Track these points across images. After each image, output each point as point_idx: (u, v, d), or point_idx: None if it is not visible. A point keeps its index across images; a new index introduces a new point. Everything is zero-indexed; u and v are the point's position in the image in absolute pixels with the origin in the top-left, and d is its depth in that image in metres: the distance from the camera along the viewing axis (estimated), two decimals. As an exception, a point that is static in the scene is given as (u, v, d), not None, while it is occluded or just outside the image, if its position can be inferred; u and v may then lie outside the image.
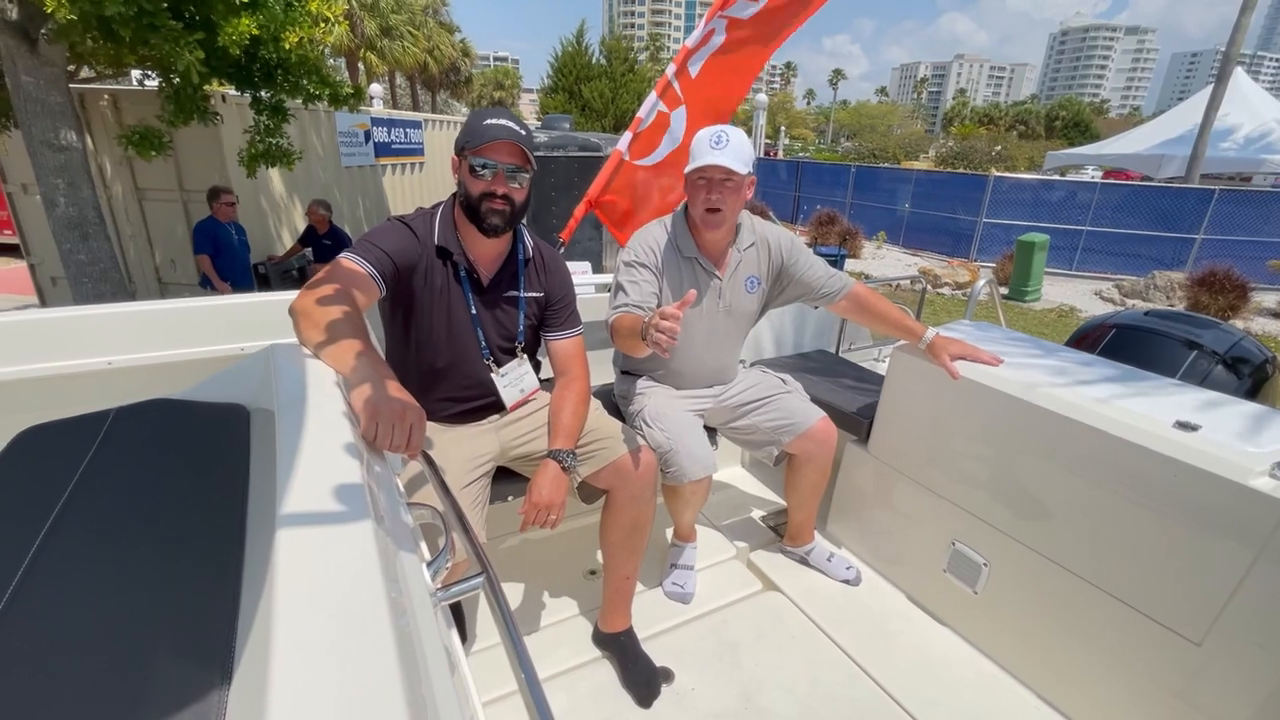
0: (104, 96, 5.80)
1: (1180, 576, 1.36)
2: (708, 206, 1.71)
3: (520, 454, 1.65)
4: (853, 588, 2.03)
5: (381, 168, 8.97)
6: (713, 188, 1.69)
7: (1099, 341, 2.96)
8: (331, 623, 0.56)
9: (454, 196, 1.52)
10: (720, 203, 1.70)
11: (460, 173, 1.46)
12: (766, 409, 1.93)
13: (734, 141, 1.66)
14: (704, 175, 1.69)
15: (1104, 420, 1.46)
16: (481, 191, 1.42)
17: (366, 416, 0.97)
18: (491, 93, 40.14)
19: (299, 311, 1.18)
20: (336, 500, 0.71)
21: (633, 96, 20.55)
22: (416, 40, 23.91)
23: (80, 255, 4.44)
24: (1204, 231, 10.32)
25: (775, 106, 54.61)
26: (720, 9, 2.25)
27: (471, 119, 1.45)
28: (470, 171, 1.42)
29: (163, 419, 1.03)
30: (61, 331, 1.66)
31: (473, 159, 1.41)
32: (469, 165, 1.42)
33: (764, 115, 15.88)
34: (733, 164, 1.63)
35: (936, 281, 9.72)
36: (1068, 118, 52.02)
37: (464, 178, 1.45)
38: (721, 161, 1.63)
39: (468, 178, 1.44)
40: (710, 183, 1.69)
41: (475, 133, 1.41)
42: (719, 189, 1.69)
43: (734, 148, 1.66)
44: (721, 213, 1.71)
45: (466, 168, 1.43)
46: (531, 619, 1.86)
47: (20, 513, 0.78)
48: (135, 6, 3.14)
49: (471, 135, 1.41)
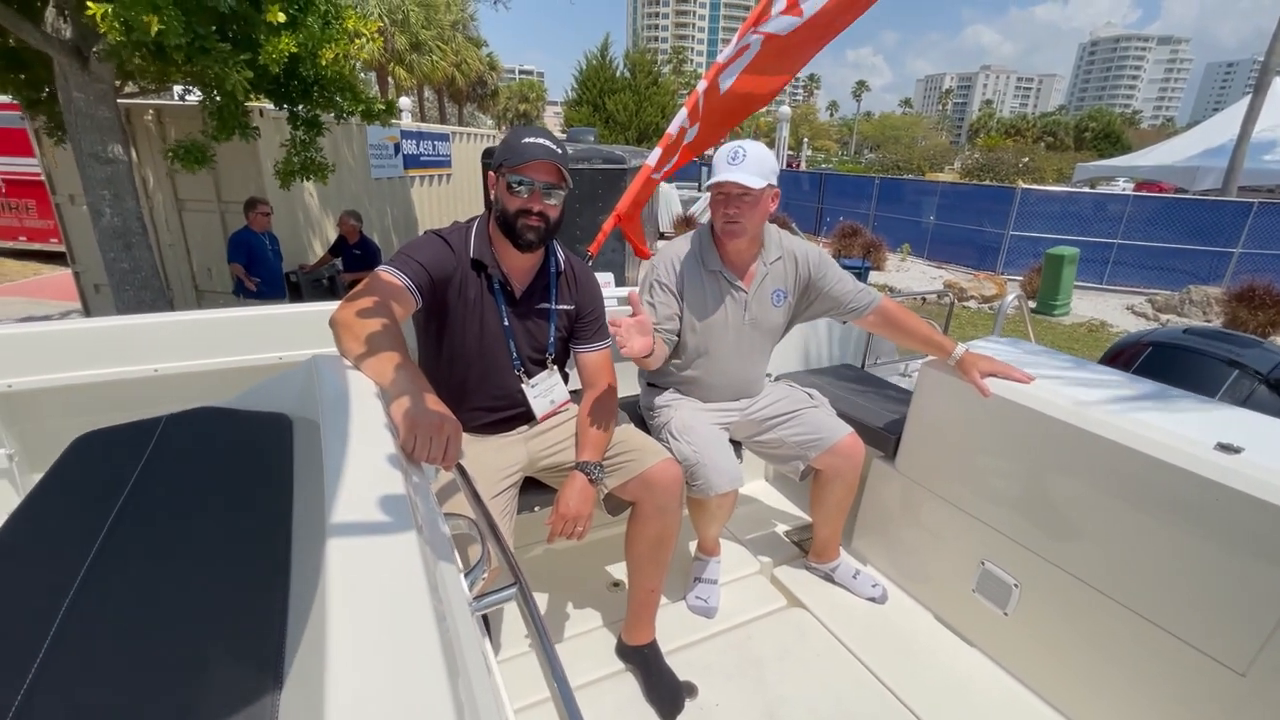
0: (148, 111, 6.03)
1: (1222, 603, 1.33)
2: (726, 220, 1.74)
3: (548, 465, 1.67)
4: (879, 606, 2.00)
5: (410, 179, 9.16)
6: (730, 202, 1.71)
7: (1134, 359, 2.89)
8: (382, 631, 0.58)
9: (489, 211, 1.56)
10: (738, 216, 1.72)
11: (497, 189, 1.50)
12: (793, 423, 1.93)
13: (751, 156, 1.68)
14: (722, 190, 1.71)
15: (1141, 441, 1.43)
16: (519, 208, 1.46)
17: (405, 428, 0.99)
18: (517, 105, 40.75)
19: (340, 324, 1.22)
20: (382, 510, 0.73)
21: (656, 109, 20.74)
22: (445, 54, 24.41)
23: (123, 263, 4.60)
24: (1242, 245, 10.04)
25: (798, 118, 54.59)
26: (754, 24, 2.25)
27: (510, 138, 1.49)
28: (508, 188, 1.46)
29: (210, 426, 1.07)
30: (112, 340, 1.74)
31: (510, 176, 1.45)
32: (507, 182, 1.46)
33: (787, 127, 15.88)
34: (747, 179, 1.65)
35: (963, 295, 9.58)
36: (1097, 129, 51.13)
37: (501, 194, 1.49)
38: (735, 178, 1.65)
39: (505, 194, 1.47)
40: (728, 198, 1.71)
41: (514, 151, 1.44)
42: (736, 204, 1.71)
43: (751, 162, 1.68)
44: (740, 224, 1.73)
45: (504, 185, 1.47)
46: (557, 630, 1.87)
47: (80, 517, 0.81)
48: (191, 34, 3.28)
49: (510, 154, 1.45)
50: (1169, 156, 14.96)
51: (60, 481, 0.90)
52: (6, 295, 8.45)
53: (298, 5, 3.75)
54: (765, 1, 2.24)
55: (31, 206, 9.42)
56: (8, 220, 9.64)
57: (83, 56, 4.05)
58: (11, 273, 9.51)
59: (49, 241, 9.28)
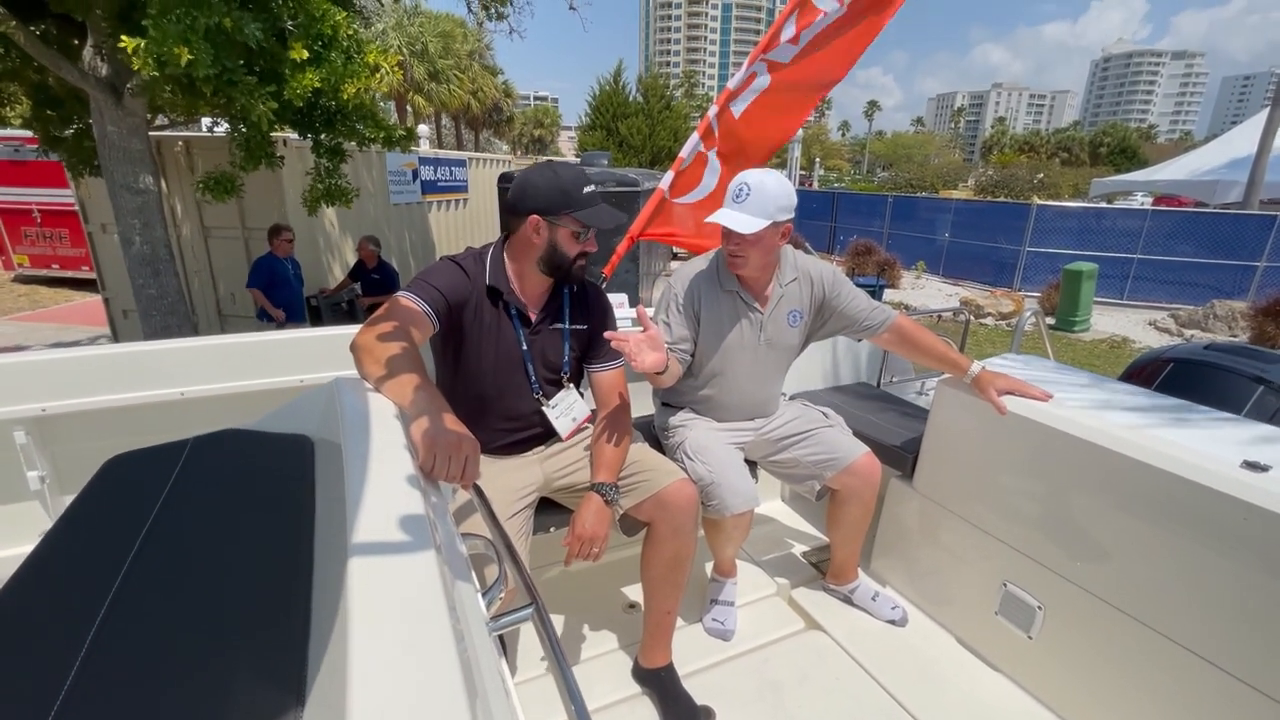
0: (178, 143, 6.24)
1: (1257, 626, 1.29)
2: (730, 254, 1.76)
3: (563, 485, 1.67)
4: (899, 629, 1.97)
5: (427, 204, 9.34)
6: (730, 238, 1.73)
7: (1155, 376, 2.84)
8: (403, 651, 0.59)
9: (504, 237, 1.59)
10: (739, 252, 1.73)
11: (551, 234, 1.49)
12: (808, 443, 1.92)
13: (755, 193, 1.65)
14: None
15: (1164, 459, 1.41)
16: (579, 252, 1.51)
17: (424, 448, 1.01)
18: (532, 130, 41.53)
19: (360, 348, 1.25)
20: (402, 531, 0.75)
21: (669, 132, 21.00)
22: (462, 83, 25.05)
23: (151, 290, 4.73)
24: (1266, 258, 9.86)
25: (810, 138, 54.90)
26: (762, 52, 2.31)
27: (555, 181, 1.48)
28: (572, 235, 1.49)
29: (235, 448, 1.10)
30: (140, 365, 1.79)
31: (572, 225, 1.48)
32: (570, 231, 1.49)
33: (799, 148, 15.99)
34: (743, 224, 1.64)
35: (979, 312, 9.49)
36: (1113, 144, 50.83)
37: (560, 240, 1.50)
38: (731, 223, 1.65)
39: (567, 240, 1.50)
40: (730, 234, 1.72)
41: (573, 199, 1.47)
42: (736, 240, 1.71)
43: (753, 201, 1.65)
44: (743, 258, 1.75)
45: (566, 231, 1.49)
46: (572, 651, 1.86)
47: (110, 538, 0.84)
48: (219, 66, 3.41)
49: (568, 200, 1.47)
50: (1187, 170, 14.81)
51: (92, 503, 0.93)
52: (38, 321, 8.71)
53: (321, 42, 3.89)
54: (773, 29, 2.30)
55: (65, 235, 9.74)
56: (42, 249, 9.97)
57: (117, 92, 4.22)
58: (44, 299, 9.81)
59: (80, 269, 9.58)
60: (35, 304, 9.59)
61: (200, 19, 3.23)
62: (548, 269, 1.54)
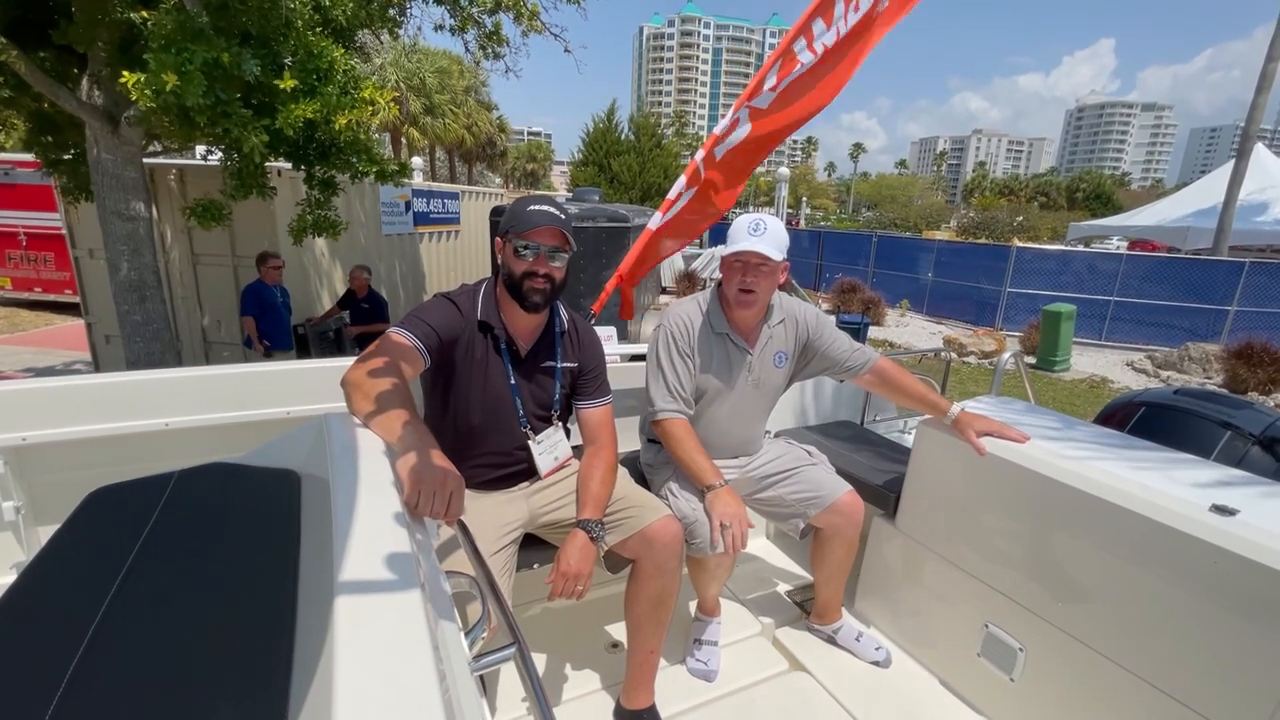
0: (172, 171, 6.27)
1: (1229, 669, 1.31)
2: (742, 288, 1.80)
3: (548, 521, 1.67)
4: (882, 670, 1.96)
5: (419, 235, 9.41)
6: (748, 271, 1.78)
7: (1127, 420, 2.91)
8: (386, 690, 0.59)
9: (496, 274, 1.63)
10: (754, 285, 1.78)
11: (504, 254, 1.57)
12: (792, 481, 1.94)
13: (771, 230, 1.76)
14: (740, 259, 1.77)
15: (1135, 501, 1.45)
16: (525, 271, 1.53)
17: (410, 483, 1.02)
18: (525, 165, 42.18)
19: (351, 383, 1.26)
20: (387, 569, 0.75)
21: (659, 170, 21.42)
22: (457, 117, 25.48)
23: (136, 316, 4.70)
24: (1237, 302, 10.18)
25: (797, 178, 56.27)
26: (747, 99, 2.41)
27: (515, 206, 1.57)
28: (515, 253, 1.53)
29: (221, 482, 1.10)
30: (124, 394, 1.78)
31: (517, 241, 1.52)
32: (514, 247, 1.53)
33: (786, 187, 16.36)
34: (769, 250, 1.73)
35: (962, 350, 9.66)
36: (1089, 189, 52.51)
37: (508, 259, 1.56)
38: (758, 248, 1.72)
39: (512, 259, 1.54)
40: (746, 266, 1.78)
41: (519, 218, 1.53)
42: (754, 273, 1.77)
43: (770, 236, 1.75)
44: (755, 294, 1.79)
45: (511, 249, 1.54)
46: (554, 692, 1.83)
47: (92, 572, 0.83)
48: (213, 96, 3.47)
49: (516, 220, 1.53)
50: (1160, 216, 15.35)
51: (74, 536, 0.93)
52: (15, 344, 8.57)
53: (316, 76, 3.97)
54: (758, 78, 2.40)
55: (50, 259, 9.67)
56: (26, 272, 9.88)
57: (114, 121, 4.26)
58: (24, 322, 9.67)
59: (63, 293, 9.49)
60: (14, 326, 9.45)
61: (199, 53, 3.30)
62: (509, 291, 1.57)
